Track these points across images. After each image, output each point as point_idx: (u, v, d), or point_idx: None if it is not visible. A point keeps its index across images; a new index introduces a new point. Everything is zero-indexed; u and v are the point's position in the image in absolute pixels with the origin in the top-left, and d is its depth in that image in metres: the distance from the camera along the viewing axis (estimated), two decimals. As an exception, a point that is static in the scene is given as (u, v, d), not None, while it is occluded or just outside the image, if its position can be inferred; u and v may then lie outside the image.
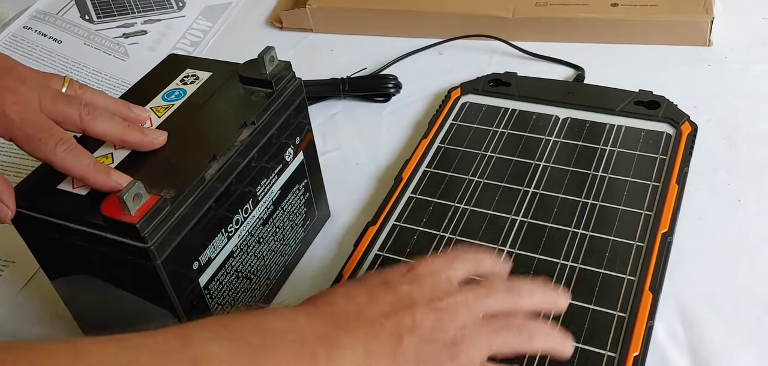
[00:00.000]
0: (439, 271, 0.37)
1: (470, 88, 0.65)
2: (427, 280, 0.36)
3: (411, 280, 0.36)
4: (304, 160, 0.52)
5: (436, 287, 0.36)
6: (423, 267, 0.37)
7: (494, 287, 0.37)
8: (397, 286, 0.36)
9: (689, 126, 0.57)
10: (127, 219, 0.38)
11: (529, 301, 0.37)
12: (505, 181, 0.55)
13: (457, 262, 0.38)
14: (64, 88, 0.45)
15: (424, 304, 0.35)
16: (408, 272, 0.37)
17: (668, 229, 0.49)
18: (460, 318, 0.35)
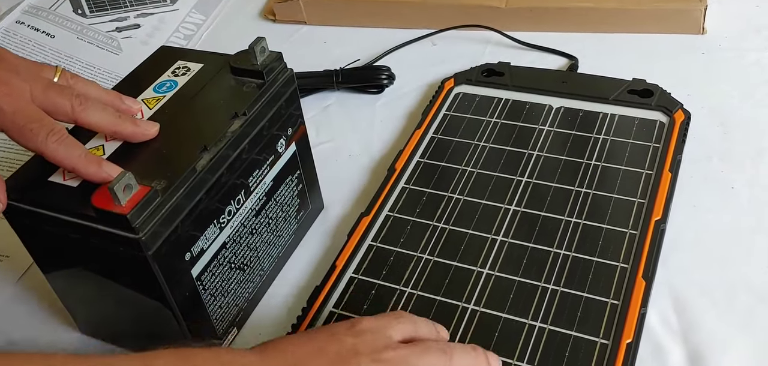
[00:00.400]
0: (380, 329, 0.39)
1: (463, 78, 0.65)
2: (370, 335, 0.39)
3: (355, 334, 0.39)
4: (296, 151, 0.51)
5: (378, 342, 0.38)
6: (366, 324, 0.40)
7: (430, 347, 0.39)
8: (342, 338, 0.38)
9: (682, 114, 0.57)
10: (117, 210, 0.38)
11: (463, 360, 0.40)
12: (498, 171, 0.55)
13: (398, 323, 0.40)
14: (56, 78, 0.45)
15: (367, 355, 0.37)
16: (352, 327, 0.39)
17: (661, 216, 0.49)
18: None
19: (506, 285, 0.47)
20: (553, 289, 0.46)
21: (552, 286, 0.46)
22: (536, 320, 0.44)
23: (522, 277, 0.47)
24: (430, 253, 0.50)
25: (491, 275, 0.47)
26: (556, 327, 0.44)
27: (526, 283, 0.46)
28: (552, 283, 0.46)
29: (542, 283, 0.46)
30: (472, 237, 0.50)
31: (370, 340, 0.38)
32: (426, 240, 0.51)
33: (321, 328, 0.41)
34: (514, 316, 0.45)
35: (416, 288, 0.48)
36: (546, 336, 0.43)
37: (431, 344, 0.40)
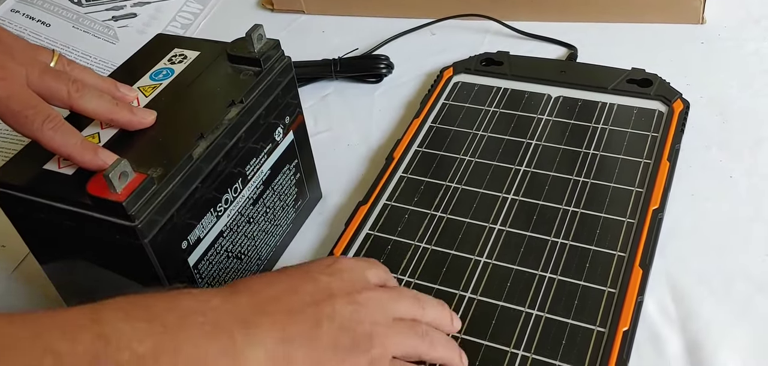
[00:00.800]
0: (356, 269, 0.39)
1: (462, 67, 0.64)
2: (347, 274, 0.38)
3: (331, 273, 0.38)
4: (294, 140, 0.51)
5: (355, 282, 0.38)
6: (342, 263, 0.39)
7: (403, 293, 0.40)
8: (317, 277, 0.38)
9: (681, 103, 0.57)
10: (113, 197, 0.38)
11: (431, 312, 0.40)
12: (497, 160, 0.55)
13: (373, 268, 0.40)
14: (52, 62, 0.44)
15: (342, 296, 0.37)
16: (328, 267, 0.39)
17: (659, 205, 0.49)
18: (375, 314, 0.37)
19: (504, 273, 0.47)
20: (550, 278, 0.46)
21: (549, 275, 0.46)
22: (533, 308, 0.44)
23: (519, 266, 0.47)
24: (428, 242, 0.50)
25: (489, 264, 0.47)
26: (553, 315, 0.44)
27: (524, 272, 0.46)
28: (549, 272, 0.46)
29: (540, 272, 0.46)
30: (470, 226, 0.50)
31: (347, 278, 0.38)
32: (424, 229, 0.50)
33: (297, 266, 0.39)
34: (512, 305, 0.45)
35: (414, 276, 0.47)
36: (543, 324, 0.43)
37: (404, 291, 0.40)
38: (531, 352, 0.42)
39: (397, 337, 0.37)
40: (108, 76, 0.49)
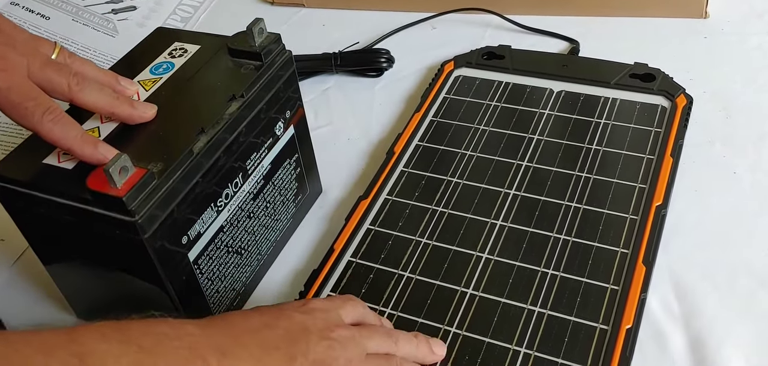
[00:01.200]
0: (331, 309, 0.39)
1: (463, 61, 0.64)
2: (320, 313, 0.38)
3: (305, 312, 0.38)
4: (294, 135, 0.51)
5: (329, 321, 0.38)
6: (316, 303, 0.40)
7: (377, 330, 0.40)
8: (291, 314, 0.38)
9: (684, 98, 0.56)
10: (113, 192, 0.38)
11: (405, 347, 0.40)
12: (498, 155, 0.54)
13: (346, 305, 0.40)
14: (54, 54, 0.44)
15: (316, 333, 0.37)
16: (302, 306, 0.39)
17: (662, 201, 0.49)
18: (349, 351, 0.37)
19: (505, 270, 0.46)
20: (552, 274, 0.45)
21: (552, 271, 0.46)
22: (536, 305, 0.44)
23: (521, 262, 0.47)
24: (429, 238, 0.49)
25: (490, 260, 0.47)
26: (555, 312, 0.43)
27: (526, 268, 0.46)
28: (552, 268, 0.46)
29: (542, 268, 0.46)
30: (471, 221, 0.50)
31: (321, 317, 0.38)
32: (425, 224, 0.50)
33: (270, 306, 0.39)
34: (514, 301, 0.44)
35: (414, 272, 0.47)
36: (545, 321, 0.43)
37: (378, 328, 0.41)
38: (533, 350, 0.42)
39: None
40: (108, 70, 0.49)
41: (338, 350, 0.37)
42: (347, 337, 0.38)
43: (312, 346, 0.36)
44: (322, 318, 0.38)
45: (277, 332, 0.36)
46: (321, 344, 0.37)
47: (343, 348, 0.37)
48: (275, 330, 0.36)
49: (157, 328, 0.33)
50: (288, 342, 0.36)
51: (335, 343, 0.37)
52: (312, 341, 0.36)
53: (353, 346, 0.38)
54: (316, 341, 0.37)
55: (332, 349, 0.37)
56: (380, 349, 0.39)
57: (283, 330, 0.37)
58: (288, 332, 0.37)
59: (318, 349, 0.36)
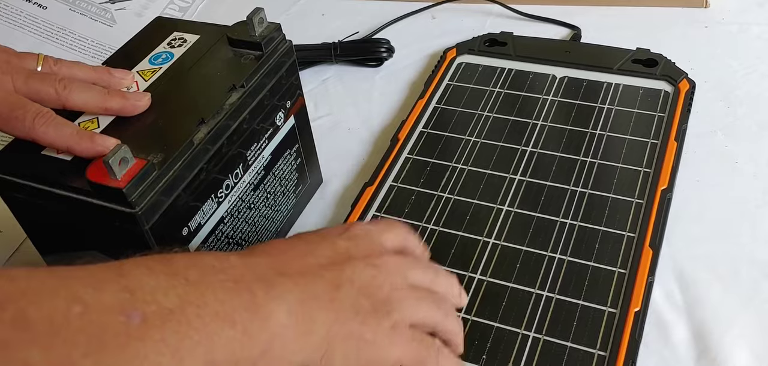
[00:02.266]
0: (373, 234, 0.39)
1: (466, 48, 0.63)
2: (363, 239, 0.38)
3: (348, 238, 0.38)
4: (295, 125, 0.50)
5: (372, 247, 0.38)
6: (358, 228, 0.39)
7: (419, 260, 0.40)
8: (335, 241, 0.37)
9: (687, 83, 0.56)
10: (113, 184, 0.37)
11: (443, 283, 0.40)
12: (502, 141, 0.54)
13: (389, 232, 0.40)
14: (38, 66, 0.44)
15: (361, 259, 0.36)
16: (345, 231, 0.38)
17: (667, 185, 0.48)
18: (394, 278, 0.37)
19: (513, 254, 0.46)
20: (560, 259, 0.45)
21: (559, 256, 0.45)
22: (544, 290, 0.43)
23: (528, 247, 0.46)
24: (436, 224, 0.49)
25: (497, 245, 0.47)
26: (563, 296, 0.43)
27: (533, 253, 0.46)
28: (559, 253, 0.45)
29: (549, 253, 0.45)
30: (477, 207, 0.49)
31: (364, 245, 0.37)
32: (430, 210, 0.50)
33: (312, 232, 0.39)
34: (521, 286, 0.44)
35: (420, 260, 0.47)
36: (554, 305, 0.43)
37: (420, 259, 0.40)
38: (542, 334, 0.41)
39: (416, 304, 0.37)
40: (105, 61, 0.48)
41: (383, 278, 0.36)
42: (392, 264, 0.37)
43: (357, 273, 0.35)
44: (366, 245, 0.37)
45: (320, 260, 0.36)
46: (366, 271, 0.36)
47: (387, 276, 0.36)
48: (318, 257, 0.36)
49: (202, 261, 0.32)
50: (332, 269, 0.35)
51: (379, 271, 0.36)
52: (357, 268, 0.36)
53: (397, 275, 0.37)
54: (362, 268, 0.36)
55: (377, 277, 0.36)
56: (421, 281, 0.38)
57: (326, 258, 0.36)
58: (331, 259, 0.36)
59: (363, 275, 0.35)
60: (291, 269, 0.34)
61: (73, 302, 0.27)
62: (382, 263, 0.37)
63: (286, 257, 0.35)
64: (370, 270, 0.36)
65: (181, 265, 0.31)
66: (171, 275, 0.30)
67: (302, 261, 0.35)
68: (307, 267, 0.35)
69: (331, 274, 0.35)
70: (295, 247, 0.36)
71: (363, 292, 0.35)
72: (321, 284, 0.34)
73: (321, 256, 0.36)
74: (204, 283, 0.31)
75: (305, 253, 0.36)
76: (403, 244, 0.40)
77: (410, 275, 0.38)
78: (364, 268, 0.36)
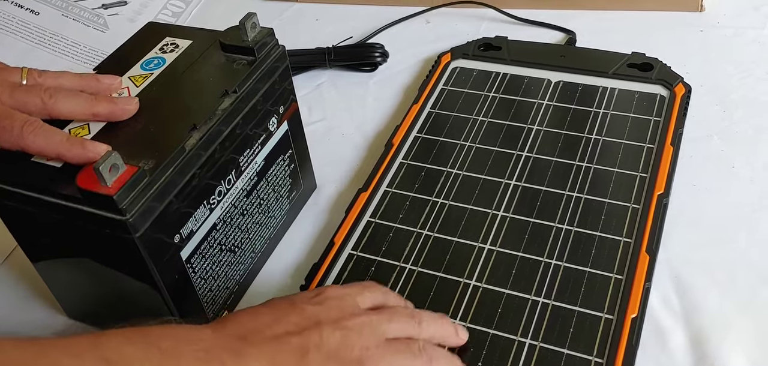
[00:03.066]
0: (346, 296, 0.38)
1: (460, 52, 0.63)
2: (334, 302, 0.38)
3: (317, 303, 0.37)
4: (288, 130, 0.50)
5: (343, 309, 0.37)
6: (331, 291, 0.39)
7: (397, 312, 0.39)
8: (304, 307, 0.37)
9: (683, 87, 0.56)
10: (103, 191, 0.37)
11: (429, 328, 0.39)
12: (497, 146, 0.54)
13: (365, 291, 0.39)
14: (23, 79, 0.43)
15: (329, 324, 0.36)
16: (315, 296, 0.38)
17: (664, 190, 0.48)
18: (365, 338, 0.36)
19: (508, 260, 0.45)
20: (556, 264, 0.45)
21: (555, 261, 0.45)
22: (540, 296, 0.43)
23: (524, 253, 0.46)
24: (430, 229, 0.48)
25: (493, 251, 0.46)
26: (560, 302, 0.43)
27: (529, 259, 0.45)
28: (555, 258, 0.45)
29: (545, 259, 0.45)
30: (472, 212, 0.49)
31: (335, 306, 0.37)
32: (425, 215, 0.49)
33: (283, 298, 0.39)
34: (518, 292, 0.44)
35: (416, 264, 0.46)
36: (550, 312, 0.42)
37: (399, 309, 0.39)
38: (539, 341, 0.41)
39: (392, 358, 0.36)
40: (97, 67, 0.48)
41: (353, 339, 0.36)
42: (363, 324, 0.36)
43: (325, 337, 0.35)
44: (336, 306, 0.37)
45: (288, 327, 0.35)
46: (335, 334, 0.35)
47: (358, 336, 0.36)
48: (286, 325, 0.36)
49: (176, 332, 0.34)
50: (300, 336, 0.35)
51: (350, 332, 0.36)
52: (325, 332, 0.35)
53: (369, 333, 0.36)
54: (331, 332, 0.35)
55: (347, 339, 0.35)
56: (401, 333, 0.37)
57: (294, 325, 0.36)
58: (299, 326, 0.36)
59: (331, 339, 0.35)
60: (259, 339, 0.35)
61: None
62: (353, 325, 0.36)
63: (256, 326, 0.36)
64: (340, 333, 0.36)
65: (155, 336, 0.33)
66: (147, 345, 0.31)
67: (270, 330, 0.35)
68: (274, 335, 0.35)
69: (298, 341, 0.35)
70: (265, 316, 0.36)
71: (332, 357, 0.35)
72: (288, 352, 0.35)
73: (289, 323, 0.36)
74: (177, 353, 0.32)
75: (273, 322, 0.36)
76: (382, 301, 0.40)
77: (388, 329, 0.37)
78: (333, 332, 0.35)
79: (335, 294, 0.38)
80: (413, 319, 0.38)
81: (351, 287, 0.40)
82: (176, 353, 0.32)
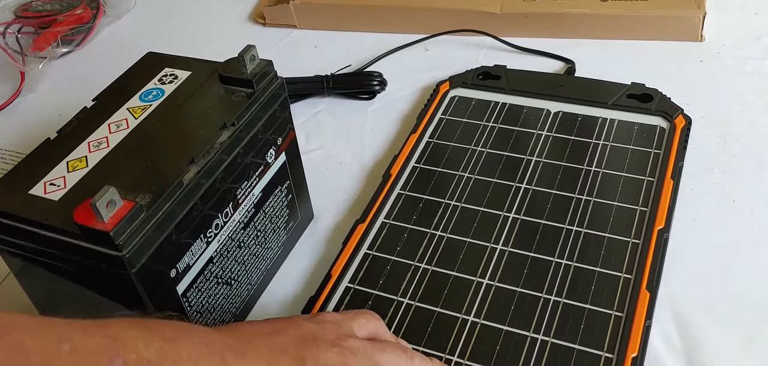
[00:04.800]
0: (343, 322, 0.39)
1: (459, 81, 0.63)
2: (331, 324, 0.38)
3: (316, 322, 0.38)
4: (286, 161, 0.50)
5: (340, 331, 0.38)
6: (328, 315, 0.39)
7: (391, 345, 0.39)
8: (301, 323, 0.38)
9: (683, 119, 0.56)
10: (100, 226, 0.36)
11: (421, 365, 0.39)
12: (496, 177, 0.53)
13: (360, 319, 0.40)
14: None
15: (326, 342, 0.36)
16: (313, 317, 0.39)
17: (664, 225, 0.48)
18: (360, 360, 0.36)
19: (507, 296, 0.45)
20: (555, 301, 0.44)
21: (554, 298, 0.45)
22: (539, 333, 0.43)
23: (523, 288, 0.45)
24: (428, 262, 0.48)
25: (491, 285, 0.46)
26: (559, 340, 0.42)
27: (528, 294, 0.45)
28: (554, 294, 0.45)
29: (544, 295, 0.45)
30: (470, 245, 0.49)
31: (332, 328, 0.37)
32: (423, 248, 0.49)
33: (282, 317, 0.40)
34: (516, 329, 0.43)
35: (414, 298, 0.46)
36: (549, 349, 0.42)
37: (392, 343, 0.40)
38: (537, 381, 0.40)
39: None
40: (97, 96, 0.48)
41: (349, 358, 0.36)
42: (358, 348, 0.37)
43: (322, 352, 0.36)
44: (333, 329, 0.37)
45: (286, 338, 0.36)
46: (331, 351, 0.36)
47: (354, 357, 0.36)
48: (285, 335, 0.36)
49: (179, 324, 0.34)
50: (297, 347, 0.35)
51: (346, 351, 0.36)
52: (322, 348, 0.36)
53: (365, 358, 0.36)
54: (327, 349, 0.36)
55: (343, 356, 0.36)
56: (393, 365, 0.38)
57: (292, 336, 0.36)
58: (297, 338, 0.36)
59: (328, 355, 0.36)
60: (259, 343, 0.35)
61: (64, 341, 0.29)
62: (349, 346, 0.36)
63: (253, 332, 0.36)
64: (336, 350, 0.36)
65: (158, 324, 0.33)
66: (149, 330, 0.32)
67: (269, 339, 0.36)
68: (273, 343, 0.36)
69: (296, 352, 0.35)
70: (263, 325, 0.37)
71: None
72: (285, 360, 0.35)
73: (288, 334, 0.36)
74: (179, 340, 0.32)
75: (273, 332, 0.36)
76: (375, 332, 0.40)
77: (381, 359, 0.37)
78: (329, 349, 0.36)
79: (332, 318, 0.39)
80: (405, 354, 0.39)
81: (347, 313, 0.40)
82: (178, 340, 0.32)
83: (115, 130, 0.45)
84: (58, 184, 0.41)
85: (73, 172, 0.42)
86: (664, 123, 0.56)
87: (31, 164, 0.43)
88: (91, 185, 0.40)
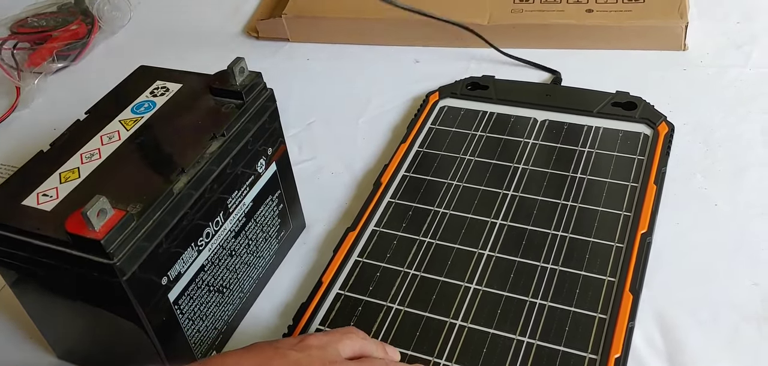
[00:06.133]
0: (327, 345, 0.39)
1: (448, 91, 0.64)
2: (316, 351, 0.38)
3: (300, 349, 0.38)
4: (277, 171, 0.51)
5: (325, 357, 0.38)
6: (313, 339, 0.39)
7: (375, 363, 0.40)
8: (287, 353, 0.38)
9: (666, 126, 0.57)
10: (91, 235, 0.37)
11: None
12: (484, 185, 0.54)
13: (345, 339, 0.40)
14: None
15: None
16: (298, 343, 0.39)
17: (647, 229, 0.49)
18: None
19: (494, 300, 0.46)
20: (540, 304, 0.45)
21: (540, 301, 0.45)
22: (524, 336, 0.43)
23: (509, 292, 0.46)
24: (417, 269, 0.49)
25: (479, 290, 0.47)
26: (544, 342, 0.43)
27: (514, 298, 0.46)
28: (540, 298, 0.45)
29: (530, 298, 0.46)
30: (458, 251, 0.49)
31: (317, 355, 0.38)
32: (412, 255, 0.50)
33: (267, 342, 0.39)
34: (502, 332, 0.44)
35: (403, 304, 0.47)
36: (534, 352, 0.42)
37: (377, 361, 0.40)
38: (523, 382, 0.41)
39: None
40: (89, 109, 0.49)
41: None
42: None
43: None
44: (319, 355, 0.38)
45: None
46: None
47: None
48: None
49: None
50: None
51: None
52: None
53: None
54: None
55: None
56: None
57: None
58: None
59: None
60: None
61: None
62: None
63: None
64: None
65: None
66: None
67: None
68: None
69: None
70: (249, 359, 0.37)
71: None
72: None
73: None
74: None
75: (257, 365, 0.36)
76: (360, 350, 0.40)
77: None
78: None
79: (317, 342, 0.39)
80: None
81: (332, 334, 0.40)
82: None
83: (107, 141, 0.45)
84: (50, 194, 0.42)
85: (66, 183, 0.42)
86: (647, 130, 0.57)
87: (24, 176, 0.43)
88: (83, 196, 0.41)
